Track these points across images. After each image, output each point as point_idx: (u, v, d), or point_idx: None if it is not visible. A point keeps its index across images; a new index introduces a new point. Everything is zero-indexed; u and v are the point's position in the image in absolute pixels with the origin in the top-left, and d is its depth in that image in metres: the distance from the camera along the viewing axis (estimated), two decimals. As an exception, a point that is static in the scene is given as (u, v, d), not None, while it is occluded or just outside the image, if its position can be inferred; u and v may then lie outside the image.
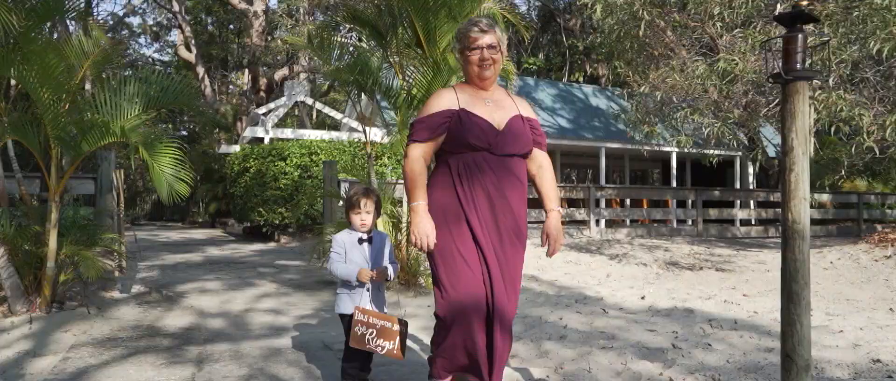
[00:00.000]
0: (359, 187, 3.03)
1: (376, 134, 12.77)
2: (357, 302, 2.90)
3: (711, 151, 15.32)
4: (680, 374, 3.38)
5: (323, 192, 8.74)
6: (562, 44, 28.04)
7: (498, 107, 2.64)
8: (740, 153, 17.82)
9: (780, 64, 2.07)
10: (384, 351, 2.83)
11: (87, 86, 8.60)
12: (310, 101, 17.09)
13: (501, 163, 2.58)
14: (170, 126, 28.71)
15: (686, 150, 13.00)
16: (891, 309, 5.36)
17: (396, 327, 2.86)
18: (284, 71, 19.41)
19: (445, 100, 2.61)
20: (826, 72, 6.56)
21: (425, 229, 2.50)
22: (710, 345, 3.97)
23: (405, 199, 6.14)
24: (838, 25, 6.56)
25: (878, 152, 7.53)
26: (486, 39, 2.59)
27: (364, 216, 2.95)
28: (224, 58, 26.21)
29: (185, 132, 29.18)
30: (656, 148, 13.56)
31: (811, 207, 15.17)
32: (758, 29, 7.15)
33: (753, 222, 15.16)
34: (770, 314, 4.96)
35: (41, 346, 4.07)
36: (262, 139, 15.00)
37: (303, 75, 18.94)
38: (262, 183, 11.98)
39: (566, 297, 5.72)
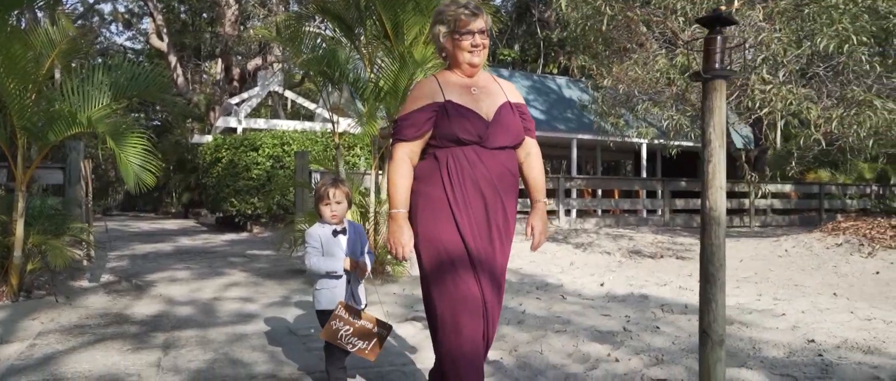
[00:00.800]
0: (327, 178, 2.96)
1: (350, 124, 12.84)
2: (338, 297, 2.82)
3: (683, 143, 15.66)
4: (626, 355, 3.57)
5: (295, 182, 8.83)
6: (537, 35, 28.25)
7: (485, 94, 2.48)
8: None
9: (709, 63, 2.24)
10: (355, 349, 2.77)
11: (57, 74, 8.55)
12: (284, 91, 17.06)
13: (493, 157, 2.42)
14: (142, 116, 28.39)
15: (655, 141, 13.28)
16: (834, 294, 5.63)
17: (376, 329, 2.79)
18: (257, 61, 19.33)
19: (428, 91, 2.45)
20: (777, 67, 6.81)
21: (402, 239, 2.38)
22: (658, 328, 4.17)
23: (374, 190, 6.26)
24: (789, 22, 6.81)
25: (824, 144, 7.84)
26: (478, 23, 2.43)
27: (334, 207, 2.87)
28: (197, 47, 25.95)
29: (157, 122, 28.88)
30: (625, 139, 13.80)
31: (774, 197, 15.61)
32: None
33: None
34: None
35: (8, 333, 4.13)
36: (234, 129, 14.97)
37: (276, 65, 18.88)
38: (234, 173, 12.00)
39: (528, 284, 5.91)
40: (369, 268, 2.93)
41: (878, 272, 6.58)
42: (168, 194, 24.21)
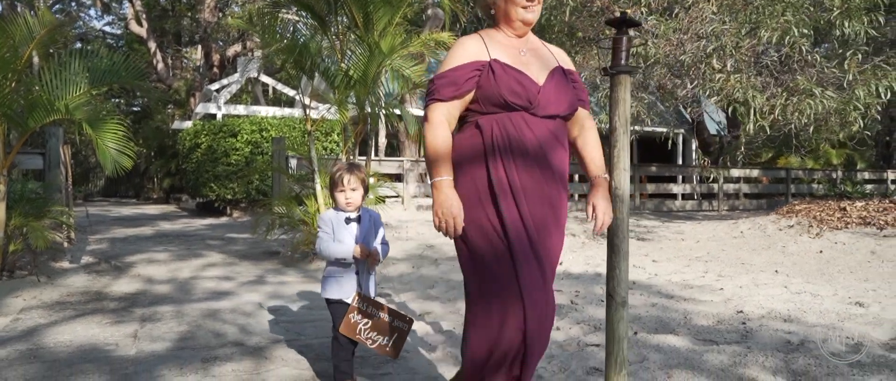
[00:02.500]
0: (342, 164, 2.78)
1: (329, 111, 13.04)
2: (345, 286, 2.70)
3: (659, 129, 16.07)
4: (568, 325, 3.90)
5: (271, 168, 9.07)
6: (517, 22, 28.46)
7: (535, 57, 2.22)
8: (683, 131, 18.63)
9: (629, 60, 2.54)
10: (375, 345, 2.59)
11: (36, 60, 8.69)
12: (264, 77, 17.19)
13: (544, 126, 2.15)
14: (122, 101, 28.32)
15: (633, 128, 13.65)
16: (776, 271, 6.01)
17: (396, 322, 2.61)
18: (237, 47, 19.40)
19: (472, 49, 2.15)
20: (726, 58, 7.17)
21: (451, 209, 2.03)
22: (603, 302, 4.50)
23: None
24: (738, 14, 7.16)
25: (769, 131, 8.23)
26: None
27: (349, 194, 2.70)
28: (177, 32, 25.89)
29: (138, 108, 28.81)
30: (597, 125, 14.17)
31: (747, 182, 16.10)
32: (676, 15, 7.72)
33: (687, 197, 15.96)
34: (667, 277, 5.54)
35: (-7, 309, 4.38)
36: (214, 115, 15.11)
37: (257, 52, 18.98)
38: (213, 159, 12.20)
39: (491, 263, 6.23)
40: (382, 258, 2.76)
41: (821, 251, 6.99)
42: (149, 180, 24.27)
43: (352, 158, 6.51)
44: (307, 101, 7.09)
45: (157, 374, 2.99)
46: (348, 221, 2.72)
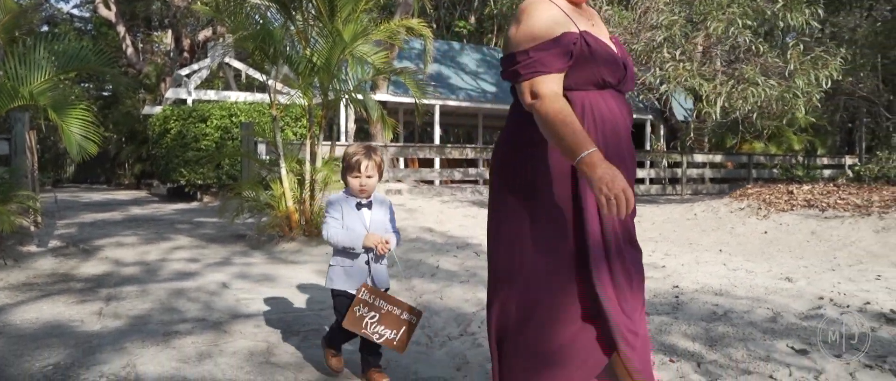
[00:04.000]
0: (359, 147, 2.59)
1: (299, 97, 13.13)
2: (354, 277, 2.53)
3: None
4: (514, 299, 4.14)
5: (240, 153, 9.18)
6: (491, 7, 28.58)
7: (600, 30, 1.97)
8: (650, 117, 19.04)
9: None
10: (382, 340, 2.44)
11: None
12: (235, 62, 17.16)
13: (624, 105, 1.95)
14: (91, 86, 27.93)
15: None
16: (720, 250, 6.34)
17: (405, 315, 2.47)
18: (207, 32, 19.30)
19: (558, 16, 1.83)
20: (675, 47, 7.47)
21: (619, 181, 1.61)
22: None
23: (314, 158, 6.67)
24: (688, 7, 7.46)
25: (716, 117, 8.58)
26: None
27: (364, 181, 2.52)
28: (147, 17, 25.58)
29: (108, 93, 28.45)
30: None
31: (712, 167, 16.56)
32: (632, 6, 7.98)
33: (655, 181, 16.38)
34: (617, 256, 5.83)
35: (-40, 290, 4.50)
36: (185, 101, 15.09)
37: (228, 37, 18.88)
38: (183, 144, 12.24)
39: (451, 245, 6.47)
40: (394, 247, 2.57)
41: (765, 232, 7.35)
42: (121, 166, 24.06)
43: (316, 142, 6.67)
44: (276, 84, 7.23)
45: (119, 347, 3.17)
46: (359, 206, 2.56)
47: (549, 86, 1.78)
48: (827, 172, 16.49)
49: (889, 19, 9.03)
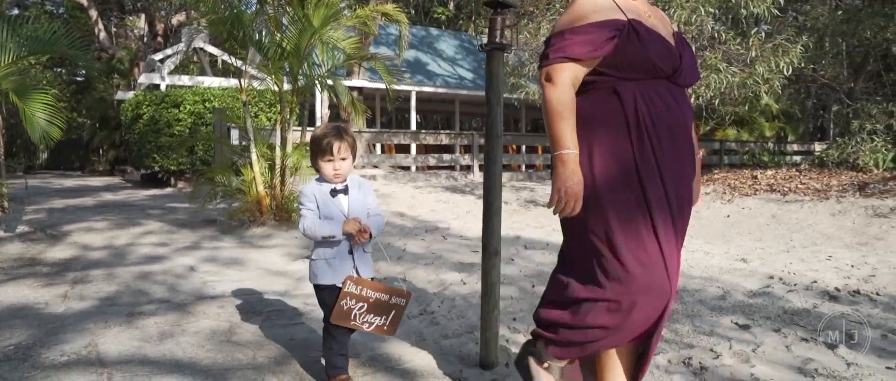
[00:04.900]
0: (329, 128, 2.41)
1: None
2: (339, 269, 2.37)
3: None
4: (475, 280, 4.25)
5: (212, 138, 9.17)
6: (469, -7, 28.55)
7: (660, 21, 1.96)
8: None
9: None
10: (372, 328, 2.36)
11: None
12: (210, 47, 17.00)
13: (684, 97, 1.93)
14: (63, 71, 27.48)
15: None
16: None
17: (394, 299, 2.40)
18: (181, 16, 19.07)
19: (604, 4, 1.86)
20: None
21: (575, 188, 1.77)
22: (513, 260, 4.88)
23: (285, 143, 6.69)
24: (653, -5, 7.54)
25: None
26: None
27: (338, 164, 2.37)
28: (120, 0, 25.17)
29: (80, 78, 28.01)
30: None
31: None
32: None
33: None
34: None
35: (-76, 274, 4.50)
36: (158, 86, 14.95)
37: (202, 21, 18.64)
38: (156, 130, 12.16)
39: (420, 228, 6.56)
40: (376, 232, 2.42)
41: (728, 216, 7.54)
42: (94, 152, 23.77)
43: (287, 128, 6.70)
44: (248, 69, 7.23)
45: (81, 327, 3.21)
46: (335, 193, 2.40)
47: (564, 74, 1.82)
48: (797, 158, 16.84)
49: (851, 8, 9.25)
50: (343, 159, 2.37)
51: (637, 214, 1.82)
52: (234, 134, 9.83)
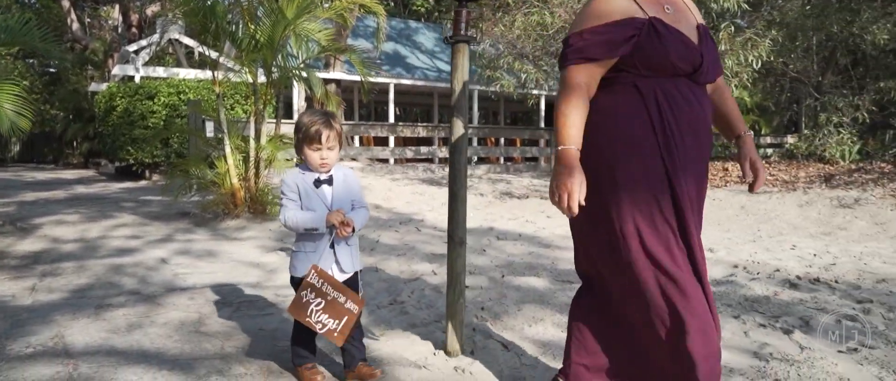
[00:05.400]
0: (316, 116, 2.32)
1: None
2: (321, 264, 2.27)
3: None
4: (445, 270, 4.29)
5: (187, 130, 9.10)
6: (449, -15, 28.50)
7: (681, 14, 1.92)
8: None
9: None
10: (324, 330, 2.23)
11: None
12: (186, 39, 16.80)
13: (704, 95, 1.93)
14: (36, 62, 26.99)
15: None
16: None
17: (349, 304, 2.26)
18: (155, 7, 18.82)
19: (621, 3, 1.83)
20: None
21: (573, 186, 1.73)
22: (484, 251, 4.94)
23: (259, 135, 6.68)
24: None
25: None
26: None
27: (325, 153, 2.28)
28: (93, -10, 24.75)
29: (54, 69, 27.53)
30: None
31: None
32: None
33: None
34: (553, 230, 6.05)
35: None
36: (133, 77, 14.76)
37: (177, 12, 18.40)
38: (130, 122, 12.03)
39: (394, 220, 6.59)
40: (360, 226, 2.34)
41: (699, 207, 7.68)
42: (68, 145, 23.40)
43: (261, 120, 6.68)
44: (221, 60, 7.18)
45: (49, 319, 3.21)
46: (318, 183, 2.31)
47: (579, 75, 1.83)
48: (769, 151, 17.11)
49: (818, 3, 9.44)
50: (330, 149, 2.29)
51: (661, 225, 1.80)
52: (209, 126, 9.76)
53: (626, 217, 1.82)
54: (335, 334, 2.23)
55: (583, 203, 1.75)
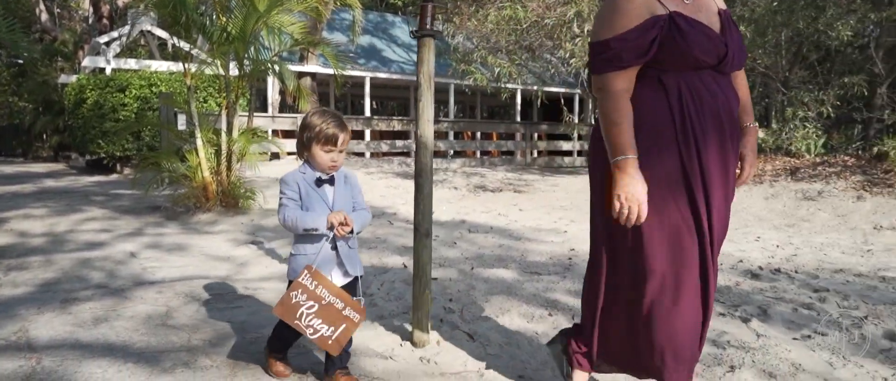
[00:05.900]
0: (330, 117, 2.26)
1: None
2: (320, 265, 2.18)
3: (554, 89, 16.82)
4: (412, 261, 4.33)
5: (159, 123, 9.00)
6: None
7: (700, 2, 1.90)
8: (579, 91, 19.53)
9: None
10: (316, 336, 2.10)
11: None
12: (158, 30, 16.56)
13: (729, 85, 1.93)
14: (3, 53, 26.36)
15: (535, 88, 14.26)
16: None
17: (348, 311, 2.14)
18: (127, -2, 18.51)
19: (640, 1, 1.81)
20: (584, 22, 7.80)
21: (638, 194, 1.75)
22: (455, 244, 4.99)
23: (231, 128, 6.63)
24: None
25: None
26: None
27: (337, 156, 2.24)
28: (63, -20, 24.24)
29: (22, 61, 26.92)
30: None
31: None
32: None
33: (583, 153, 16.92)
34: (524, 223, 6.11)
35: None
36: (104, 70, 14.52)
37: (147, 3, 18.10)
38: (100, 115, 11.85)
39: (368, 213, 6.61)
40: (360, 228, 2.28)
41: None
42: (37, 138, 22.95)
43: (234, 113, 6.64)
44: (198, 53, 7.12)
45: (13, 313, 3.18)
46: (320, 182, 2.26)
47: (617, 83, 1.83)
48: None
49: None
50: (341, 152, 2.26)
51: (681, 229, 1.81)
52: (181, 119, 9.66)
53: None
54: (330, 341, 2.11)
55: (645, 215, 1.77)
